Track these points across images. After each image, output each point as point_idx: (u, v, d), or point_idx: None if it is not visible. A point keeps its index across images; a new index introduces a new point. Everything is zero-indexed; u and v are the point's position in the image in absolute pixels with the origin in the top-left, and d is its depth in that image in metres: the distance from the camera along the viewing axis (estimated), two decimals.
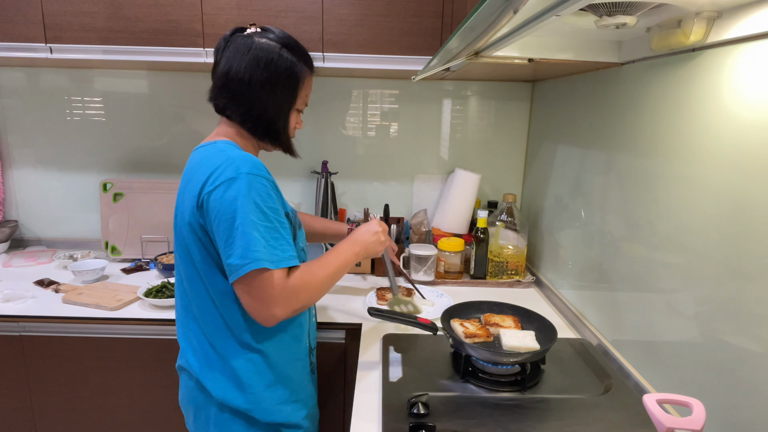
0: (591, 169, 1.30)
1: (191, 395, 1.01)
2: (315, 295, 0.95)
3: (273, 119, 0.99)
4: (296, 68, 0.98)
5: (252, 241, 0.86)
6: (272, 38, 0.97)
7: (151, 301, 1.40)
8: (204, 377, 0.97)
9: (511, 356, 1.01)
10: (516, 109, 1.90)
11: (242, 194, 0.86)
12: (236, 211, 0.86)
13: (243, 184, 0.87)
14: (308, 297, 0.93)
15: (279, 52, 0.96)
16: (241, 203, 0.86)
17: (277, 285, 0.88)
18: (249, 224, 0.86)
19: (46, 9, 1.48)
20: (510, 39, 0.78)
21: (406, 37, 1.53)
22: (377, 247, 1.15)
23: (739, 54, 0.77)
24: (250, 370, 0.97)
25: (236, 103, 0.97)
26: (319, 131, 1.92)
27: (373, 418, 0.94)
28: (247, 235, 0.86)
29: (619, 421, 0.90)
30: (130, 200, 1.80)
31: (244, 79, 0.95)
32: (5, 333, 1.38)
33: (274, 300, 0.88)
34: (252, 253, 0.85)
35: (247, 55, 0.95)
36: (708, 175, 0.84)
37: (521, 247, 1.65)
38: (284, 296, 0.88)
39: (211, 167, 0.90)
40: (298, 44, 1.00)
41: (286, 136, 1.03)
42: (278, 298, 0.88)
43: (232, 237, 0.86)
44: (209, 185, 0.88)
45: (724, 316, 0.80)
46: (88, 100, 1.88)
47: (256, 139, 1.03)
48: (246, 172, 0.88)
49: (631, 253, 1.09)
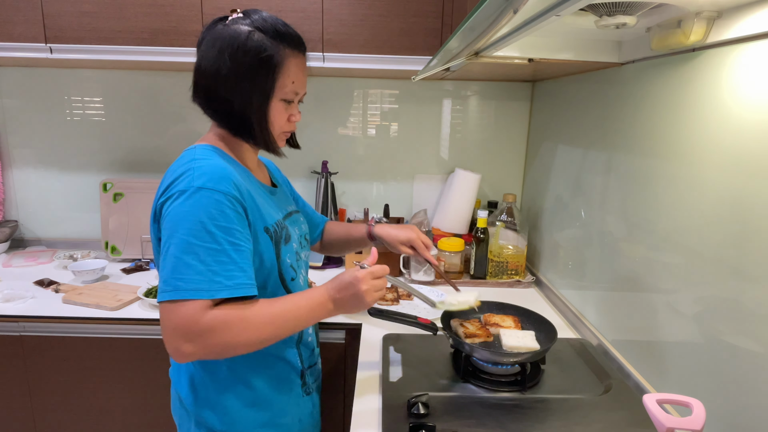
0: (591, 169, 1.30)
1: (175, 407, 0.98)
2: (240, 341, 0.78)
3: (245, 114, 0.87)
4: (269, 51, 0.84)
5: (180, 267, 0.76)
6: (247, 23, 0.85)
7: (151, 301, 1.40)
8: (183, 393, 0.93)
9: (511, 356, 1.01)
10: (516, 109, 1.90)
11: (186, 210, 0.77)
12: (176, 228, 0.77)
13: (191, 199, 0.78)
14: (230, 340, 0.77)
15: (248, 36, 0.83)
16: (183, 220, 0.77)
17: (188, 317, 0.75)
18: (183, 246, 0.76)
19: (46, 9, 1.49)
20: (510, 39, 0.78)
21: (406, 37, 1.53)
22: (357, 306, 0.89)
23: (739, 54, 0.77)
24: (225, 389, 0.91)
25: (208, 100, 0.88)
26: (319, 131, 1.92)
27: (373, 418, 0.94)
28: (177, 259, 0.76)
29: (619, 421, 0.90)
30: (130, 200, 1.80)
31: (211, 72, 0.85)
32: (5, 333, 1.38)
33: (181, 333, 0.75)
34: (174, 280, 0.76)
35: (214, 46, 0.84)
36: (708, 175, 0.84)
37: (521, 247, 1.65)
38: (194, 332, 0.75)
39: (172, 176, 0.82)
40: (277, 26, 0.86)
41: (263, 131, 0.89)
42: (186, 332, 0.75)
43: (166, 255, 0.78)
44: (164, 196, 0.81)
45: (724, 316, 0.80)
46: (88, 100, 1.88)
47: (238, 138, 0.92)
48: (198, 186, 0.78)
49: (631, 253, 1.09)
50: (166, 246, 0.79)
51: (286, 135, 0.96)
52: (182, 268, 0.76)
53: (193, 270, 0.76)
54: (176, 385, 0.96)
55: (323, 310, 0.87)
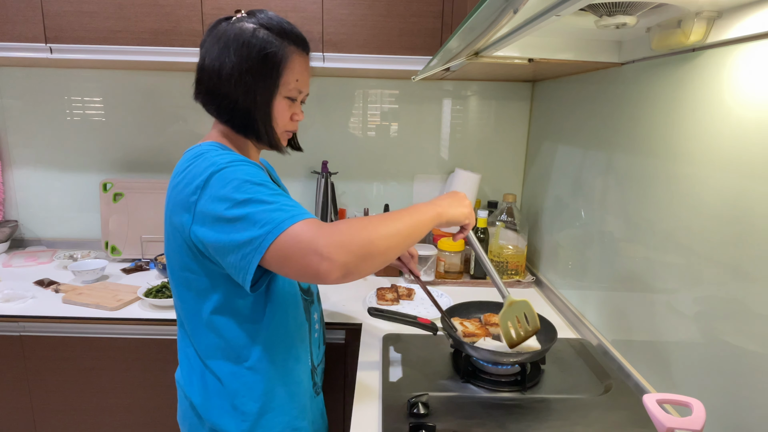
0: (591, 169, 1.30)
1: (185, 414, 0.96)
2: (371, 234, 0.74)
3: (249, 110, 0.87)
4: (273, 48, 0.84)
5: (261, 212, 0.74)
6: (252, 21, 0.86)
7: (151, 301, 1.40)
8: (196, 399, 0.91)
9: (511, 356, 1.01)
10: (516, 109, 1.90)
11: (226, 181, 0.77)
12: (225, 199, 0.75)
13: (225, 172, 0.77)
14: (361, 233, 0.73)
15: (253, 33, 0.84)
16: (231, 188, 0.76)
17: (310, 229, 0.72)
18: (248, 203, 0.75)
19: (46, 9, 1.48)
20: (510, 39, 0.78)
21: (406, 37, 1.53)
22: (462, 210, 0.93)
23: (739, 54, 0.77)
24: (243, 395, 0.89)
25: (211, 97, 0.88)
26: (319, 131, 1.92)
27: (373, 418, 0.94)
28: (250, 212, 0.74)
29: (619, 421, 0.90)
30: (130, 200, 1.80)
31: (215, 69, 0.85)
32: (5, 333, 1.38)
33: (315, 242, 0.71)
34: (266, 221, 0.73)
35: (219, 43, 0.85)
36: (708, 175, 0.84)
37: (521, 247, 1.65)
38: (324, 234, 0.71)
39: (191, 174, 0.81)
40: (282, 24, 0.87)
41: (268, 128, 0.89)
42: (318, 238, 0.71)
43: (238, 221, 0.74)
44: (195, 194, 0.79)
45: (724, 316, 0.80)
46: (88, 100, 1.88)
47: (241, 135, 0.92)
48: (225, 162, 0.79)
49: (631, 253, 1.09)
50: (221, 222, 0.75)
51: (288, 135, 0.96)
52: (257, 215, 0.73)
53: (267, 210, 0.74)
54: (187, 391, 0.93)
55: (429, 206, 0.87)
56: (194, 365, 0.92)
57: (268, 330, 0.90)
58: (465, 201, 0.95)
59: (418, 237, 0.82)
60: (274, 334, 0.90)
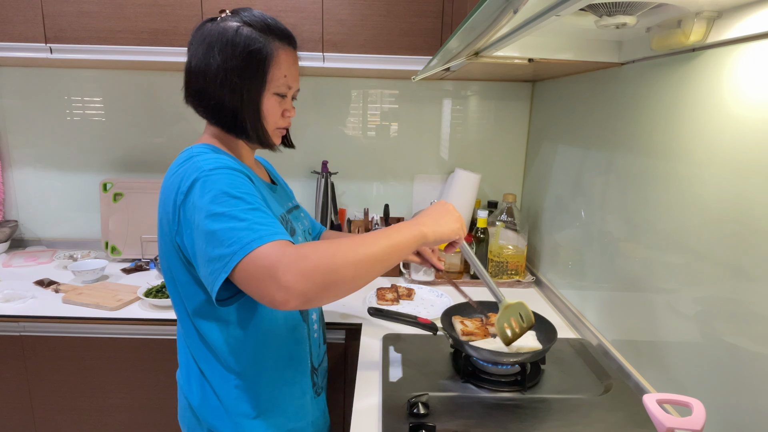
0: (591, 169, 1.30)
1: (184, 414, 0.96)
2: (338, 261, 0.70)
3: (237, 109, 0.86)
4: (258, 45, 0.83)
5: (230, 229, 0.72)
6: (236, 19, 0.85)
7: (151, 301, 1.40)
8: (193, 401, 0.91)
9: (511, 356, 1.01)
10: (516, 109, 1.90)
11: (206, 191, 0.75)
12: (202, 209, 0.74)
13: (208, 180, 0.76)
14: (327, 261, 0.69)
15: (237, 31, 0.83)
16: (208, 199, 0.75)
17: (273, 254, 0.70)
18: (221, 217, 0.73)
19: (46, 9, 1.49)
20: (510, 39, 0.78)
21: (406, 37, 1.53)
22: (451, 226, 0.87)
23: (739, 54, 0.77)
24: (236, 398, 0.89)
25: (199, 99, 0.88)
26: (319, 131, 1.92)
27: (374, 418, 0.94)
28: (213, 232, 0.73)
29: (619, 421, 0.90)
30: (130, 200, 1.80)
31: (201, 70, 0.85)
32: (5, 333, 1.38)
33: (275, 268, 0.68)
34: (233, 241, 0.71)
35: (203, 44, 0.84)
36: (708, 175, 0.84)
37: (521, 247, 1.65)
38: (286, 261, 0.68)
39: (179, 178, 0.80)
40: (266, 20, 0.86)
41: (257, 127, 0.88)
42: (279, 265, 0.68)
43: (210, 236, 0.73)
44: (179, 197, 0.79)
45: (724, 316, 0.80)
46: (88, 100, 1.88)
47: (232, 135, 0.91)
48: (210, 168, 0.78)
49: (631, 253, 1.09)
50: (197, 231, 0.75)
51: (281, 132, 0.95)
52: (226, 233, 0.72)
53: (237, 229, 0.72)
54: (186, 392, 0.93)
55: (412, 226, 0.82)
56: (191, 367, 0.92)
57: (256, 335, 0.89)
58: (454, 214, 0.89)
59: (395, 260, 0.78)
60: (263, 339, 0.90)
